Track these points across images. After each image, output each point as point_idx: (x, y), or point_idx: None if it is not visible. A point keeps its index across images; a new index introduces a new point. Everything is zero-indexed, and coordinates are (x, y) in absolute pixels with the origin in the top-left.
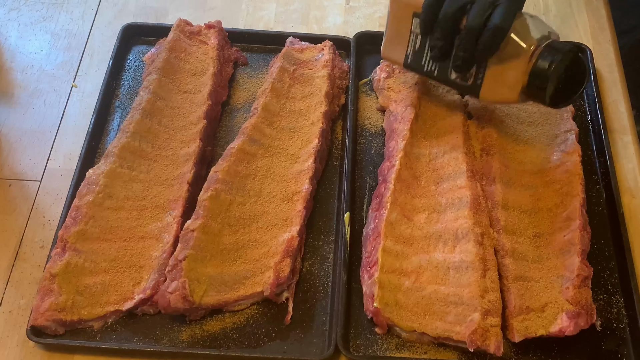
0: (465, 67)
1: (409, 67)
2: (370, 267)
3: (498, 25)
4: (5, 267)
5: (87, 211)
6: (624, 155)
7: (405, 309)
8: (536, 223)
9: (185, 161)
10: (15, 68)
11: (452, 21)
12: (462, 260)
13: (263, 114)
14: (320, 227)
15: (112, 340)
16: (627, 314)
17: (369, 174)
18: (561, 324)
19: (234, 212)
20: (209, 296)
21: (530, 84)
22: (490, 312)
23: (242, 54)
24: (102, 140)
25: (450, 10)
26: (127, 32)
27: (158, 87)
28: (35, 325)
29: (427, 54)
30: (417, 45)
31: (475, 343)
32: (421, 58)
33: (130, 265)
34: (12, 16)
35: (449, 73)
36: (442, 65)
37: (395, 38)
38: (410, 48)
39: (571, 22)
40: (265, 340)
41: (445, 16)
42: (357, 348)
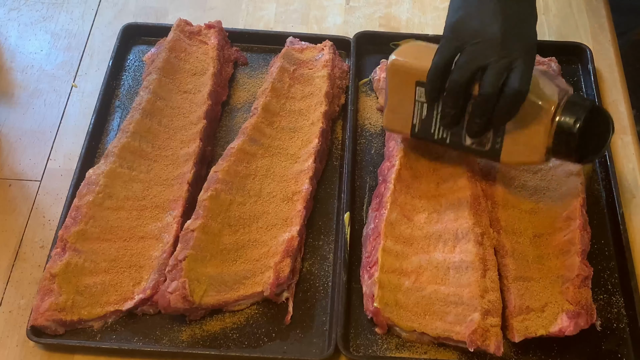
0: (481, 133)
1: (416, 136)
2: (370, 267)
3: (517, 89)
4: (5, 267)
5: (87, 211)
6: (624, 155)
7: (405, 309)
8: (536, 223)
9: (185, 161)
10: (15, 68)
11: (464, 89)
12: (462, 260)
13: (263, 114)
14: (320, 227)
15: (112, 340)
16: (627, 314)
17: (369, 174)
18: (561, 324)
19: (234, 212)
20: (209, 296)
21: (557, 144)
22: (490, 312)
23: (242, 54)
24: (102, 140)
25: (461, 80)
26: (127, 32)
27: (158, 87)
28: (35, 325)
29: (436, 122)
30: (423, 113)
31: (475, 343)
32: (430, 126)
33: (130, 265)
34: (12, 16)
35: (463, 139)
36: (454, 132)
37: (397, 109)
38: (417, 117)
39: (571, 22)
40: (265, 340)
41: (456, 85)
42: (357, 348)
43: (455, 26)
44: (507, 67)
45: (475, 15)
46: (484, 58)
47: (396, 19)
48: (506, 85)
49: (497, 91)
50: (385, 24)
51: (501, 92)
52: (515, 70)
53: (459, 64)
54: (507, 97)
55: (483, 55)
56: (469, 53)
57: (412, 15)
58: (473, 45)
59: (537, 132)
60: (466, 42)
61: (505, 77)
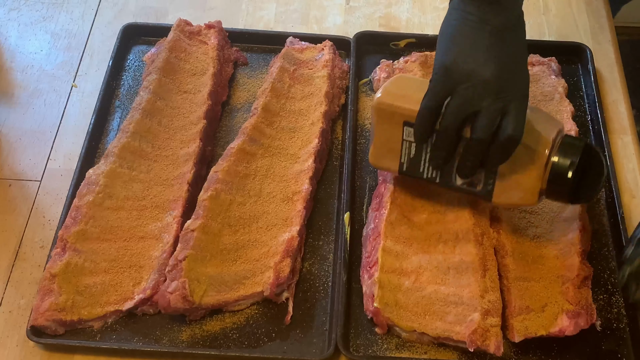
0: (472, 175)
1: (404, 174)
2: (370, 267)
3: (511, 135)
4: (5, 267)
5: (87, 211)
6: (624, 155)
7: (405, 309)
8: (536, 223)
9: (185, 161)
10: (15, 68)
11: (455, 133)
12: (462, 260)
13: (263, 114)
14: (320, 227)
15: (112, 340)
16: (627, 314)
17: (369, 174)
18: (561, 324)
19: (234, 212)
20: (209, 296)
21: (551, 187)
22: (490, 312)
23: (242, 54)
24: (102, 140)
25: (453, 125)
26: (127, 32)
27: (158, 87)
28: (35, 325)
29: (425, 161)
30: (412, 152)
31: (475, 343)
32: (419, 165)
33: (130, 265)
34: (12, 16)
35: (454, 179)
36: (444, 171)
37: (384, 146)
38: (405, 156)
39: (571, 22)
40: (265, 340)
41: (448, 130)
42: (357, 348)
43: (446, 67)
44: (501, 111)
45: (467, 56)
46: (477, 102)
47: (396, 19)
48: (500, 130)
49: (491, 136)
50: (385, 24)
51: (495, 135)
52: (509, 115)
53: (451, 108)
54: (500, 142)
55: (476, 98)
56: (461, 97)
57: (412, 15)
58: (465, 89)
59: (531, 175)
60: (458, 84)
61: (498, 121)
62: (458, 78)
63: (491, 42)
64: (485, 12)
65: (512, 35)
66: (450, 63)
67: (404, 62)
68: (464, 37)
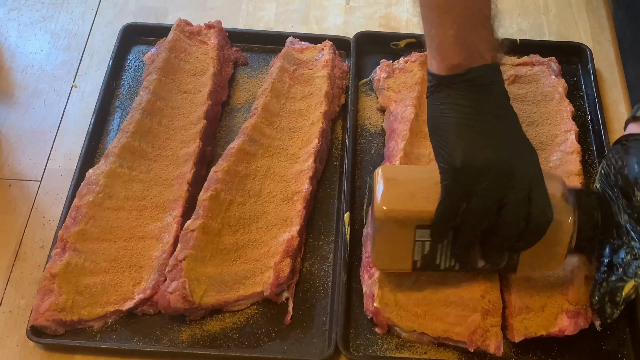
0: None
1: (418, 270)
2: (370, 267)
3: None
4: (5, 267)
5: (87, 211)
6: None
7: (405, 309)
8: None
9: (185, 161)
10: (15, 68)
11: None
12: None
13: (263, 114)
14: (320, 227)
15: (112, 340)
16: (627, 314)
17: (369, 174)
18: (561, 324)
19: (234, 212)
20: (209, 296)
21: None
22: (490, 312)
23: (242, 54)
24: (102, 140)
25: (479, 224)
26: (127, 32)
27: (158, 87)
28: (35, 325)
29: (442, 254)
30: (425, 249)
31: (475, 343)
32: (434, 259)
33: (130, 265)
34: (12, 16)
35: (476, 263)
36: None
37: (391, 250)
38: (418, 254)
39: (571, 22)
40: (265, 340)
41: (472, 228)
42: (357, 348)
43: (457, 168)
44: (527, 200)
45: (476, 151)
46: (499, 197)
47: (396, 19)
48: (531, 217)
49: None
50: (385, 24)
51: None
52: (535, 201)
53: (475, 209)
54: (534, 229)
55: (498, 193)
56: (483, 197)
57: (412, 15)
58: (485, 187)
59: (557, 242)
60: (474, 183)
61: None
62: (473, 177)
63: (494, 132)
64: (478, 102)
65: (510, 119)
66: (461, 162)
67: (404, 62)
68: (466, 131)
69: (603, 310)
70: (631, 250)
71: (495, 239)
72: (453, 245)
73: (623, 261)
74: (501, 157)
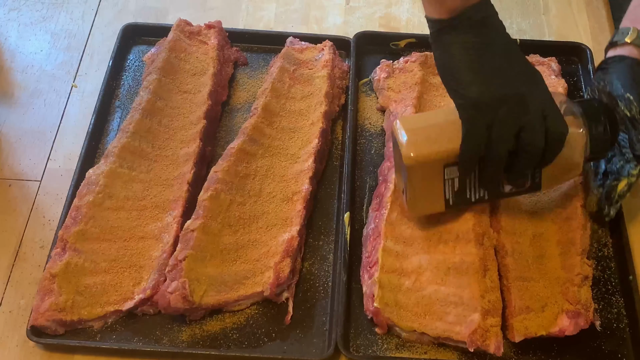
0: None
1: (451, 208)
2: (370, 267)
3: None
4: (5, 267)
5: (87, 211)
6: None
7: (405, 309)
8: (536, 223)
9: (185, 161)
10: (15, 68)
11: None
12: (462, 260)
13: (263, 114)
14: (320, 227)
15: (112, 340)
16: (627, 314)
17: (369, 174)
18: (561, 324)
19: (234, 212)
20: (209, 296)
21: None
22: (490, 312)
23: (242, 54)
24: (102, 140)
25: (504, 150)
26: (127, 32)
27: (158, 87)
28: (35, 325)
29: (471, 187)
30: (456, 186)
31: (475, 343)
32: (464, 194)
33: (130, 265)
34: (12, 16)
35: (502, 187)
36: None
37: (423, 194)
38: (449, 192)
39: (571, 22)
40: (265, 340)
41: (499, 156)
42: (357, 348)
43: (476, 102)
44: (542, 116)
45: (491, 83)
46: (518, 120)
47: (396, 19)
48: (549, 133)
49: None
50: (385, 24)
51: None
52: (550, 118)
53: (499, 137)
54: (554, 143)
55: (516, 118)
56: (504, 124)
57: (412, 15)
58: (505, 115)
59: (574, 152)
60: (494, 114)
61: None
62: (491, 107)
63: (503, 62)
64: (482, 37)
65: (512, 47)
66: (478, 95)
67: (404, 62)
68: (477, 66)
69: (601, 211)
70: (622, 156)
71: (520, 161)
72: (481, 176)
73: (616, 167)
74: (514, 84)
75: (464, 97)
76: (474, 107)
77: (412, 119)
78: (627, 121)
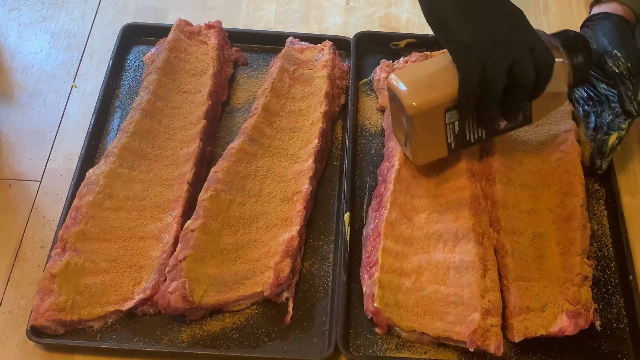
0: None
1: (453, 152)
2: (370, 267)
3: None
4: (5, 267)
5: (87, 211)
6: (624, 156)
7: (405, 309)
8: (536, 223)
9: (185, 161)
10: (15, 68)
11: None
12: (462, 260)
13: (263, 114)
14: (320, 227)
15: (112, 340)
16: (627, 314)
17: (369, 174)
18: (561, 324)
19: (234, 212)
20: (209, 296)
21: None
22: (490, 312)
23: (242, 54)
24: (102, 140)
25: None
26: (127, 32)
27: (158, 87)
28: (35, 325)
29: (470, 128)
30: (456, 130)
31: (475, 343)
32: (465, 135)
33: (130, 265)
34: (12, 16)
35: (497, 125)
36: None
37: (428, 142)
38: (450, 137)
39: (571, 22)
40: (265, 340)
41: (495, 93)
42: (357, 348)
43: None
44: (530, 51)
45: (479, 24)
46: (509, 57)
47: (396, 19)
48: (537, 65)
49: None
50: (385, 24)
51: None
52: (537, 51)
53: (493, 75)
54: (543, 73)
55: (507, 55)
56: (496, 61)
57: (412, 15)
58: (497, 53)
59: (559, 82)
60: (486, 53)
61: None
62: (483, 48)
63: (489, 5)
64: None
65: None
66: (469, 38)
67: (404, 62)
68: (465, 11)
69: (593, 164)
70: (612, 110)
71: (515, 94)
72: (479, 115)
73: (607, 122)
74: (501, 24)
75: (456, 42)
76: (467, 50)
77: (406, 70)
78: (616, 77)
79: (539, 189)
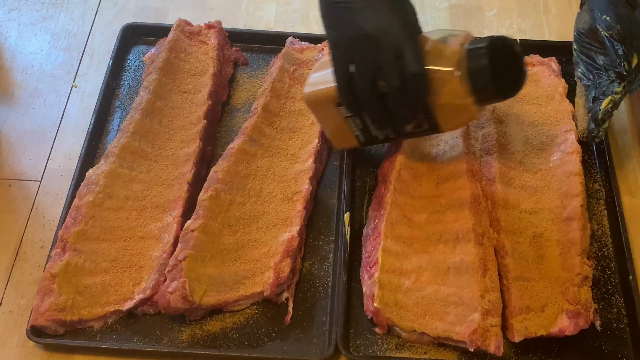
0: (412, 120)
1: (365, 145)
2: (370, 267)
3: (413, 72)
4: (5, 267)
5: (87, 211)
6: (624, 156)
7: (405, 309)
8: (536, 223)
9: (185, 161)
10: (15, 68)
11: (373, 93)
12: (462, 260)
13: (263, 114)
14: (320, 227)
15: (112, 340)
16: (627, 314)
17: (369, 174)
18: (561, 324)
19: (234, 212)
20: (209, 296)
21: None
22: (490, 312)
23: (242, 54)
24: (102, 140)
25: (365, 87)
26: (127, 32)
27: (158, 87)
28: (35, 325)
29: (374, 127)
30: (358, 125)
31: (475, 343)
32: (370, 132)
33: (130, 265)
34: (12, 16)
35: (404, 128)
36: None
37: (336, 131)
38: (355, 130)
39: (571, 22)
40: (265, 340)
41: (365, 93)
42: (357, 348)
43: (333, 47)
44: (398, 57)
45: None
46: (375, 59)
47: None
48: (404, 71)
49: (402, 82)
50: None
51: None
52: (405, 57)
53: (357, 75)
54: (410, 83)
55: (370, 59)
56: (360, 61)
57: None
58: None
59: (457, 92)
60: (351, 51)
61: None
62: (347, 48)
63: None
64: None
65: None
66: (334, 35)
67: None
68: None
69: (590, 134)
70: (608, 78)
71: (391, 102)
72: (366, 113)
73: (603, 89)
74: (366, 25)
75: (328, 38)
76: (334, 48)
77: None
78: (607, 42)
79: (539, 189)
